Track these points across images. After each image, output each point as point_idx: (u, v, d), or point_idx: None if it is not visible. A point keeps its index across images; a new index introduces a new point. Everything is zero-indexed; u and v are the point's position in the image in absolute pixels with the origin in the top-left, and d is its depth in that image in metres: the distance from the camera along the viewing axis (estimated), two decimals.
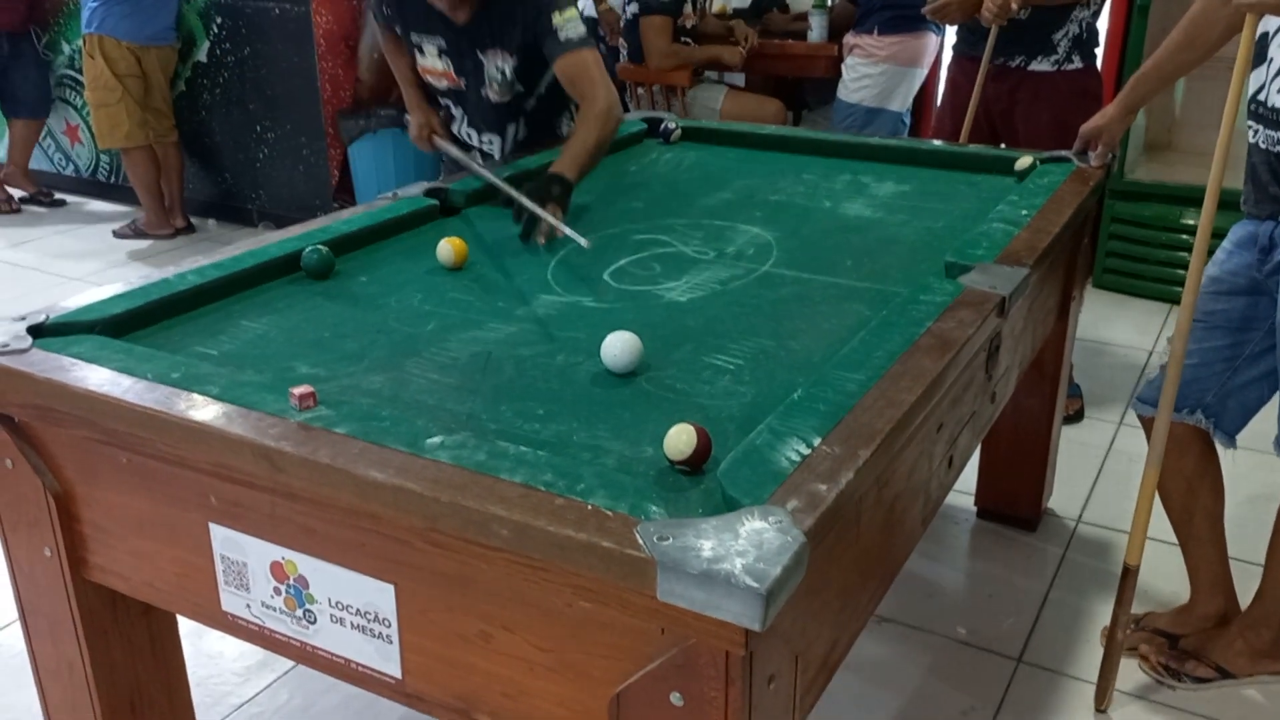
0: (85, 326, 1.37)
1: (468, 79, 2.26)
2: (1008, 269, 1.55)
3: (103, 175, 4.82)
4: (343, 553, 1.12)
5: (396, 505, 1.02)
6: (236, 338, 1.43)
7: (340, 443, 1.07)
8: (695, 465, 1.06)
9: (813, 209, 2.02)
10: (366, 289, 1.62)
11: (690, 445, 1.05)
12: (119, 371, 1.22)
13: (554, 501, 0.97)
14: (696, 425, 1.07)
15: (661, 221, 1.93)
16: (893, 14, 3.43)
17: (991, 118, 2.76)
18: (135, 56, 4.00)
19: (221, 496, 1.18)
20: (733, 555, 0.88)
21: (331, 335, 1.45)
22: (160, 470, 1.22)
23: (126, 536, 1.30)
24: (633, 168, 2.32)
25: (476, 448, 1.06)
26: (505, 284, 1.64)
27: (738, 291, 1.61)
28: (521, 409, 1.23)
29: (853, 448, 1.06)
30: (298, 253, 1.64)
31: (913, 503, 1.36)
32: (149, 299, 1.46)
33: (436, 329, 1.46)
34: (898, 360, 1.24)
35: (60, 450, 1.30)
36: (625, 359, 1.30)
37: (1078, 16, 2.62)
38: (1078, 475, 2.58)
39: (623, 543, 0.90)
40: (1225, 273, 1.81)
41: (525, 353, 1.39)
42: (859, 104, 3.58)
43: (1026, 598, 2.15)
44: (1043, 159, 2.14)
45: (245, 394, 1.17)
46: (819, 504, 0.96)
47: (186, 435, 1.14)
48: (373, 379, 1.31)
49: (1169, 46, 1.91)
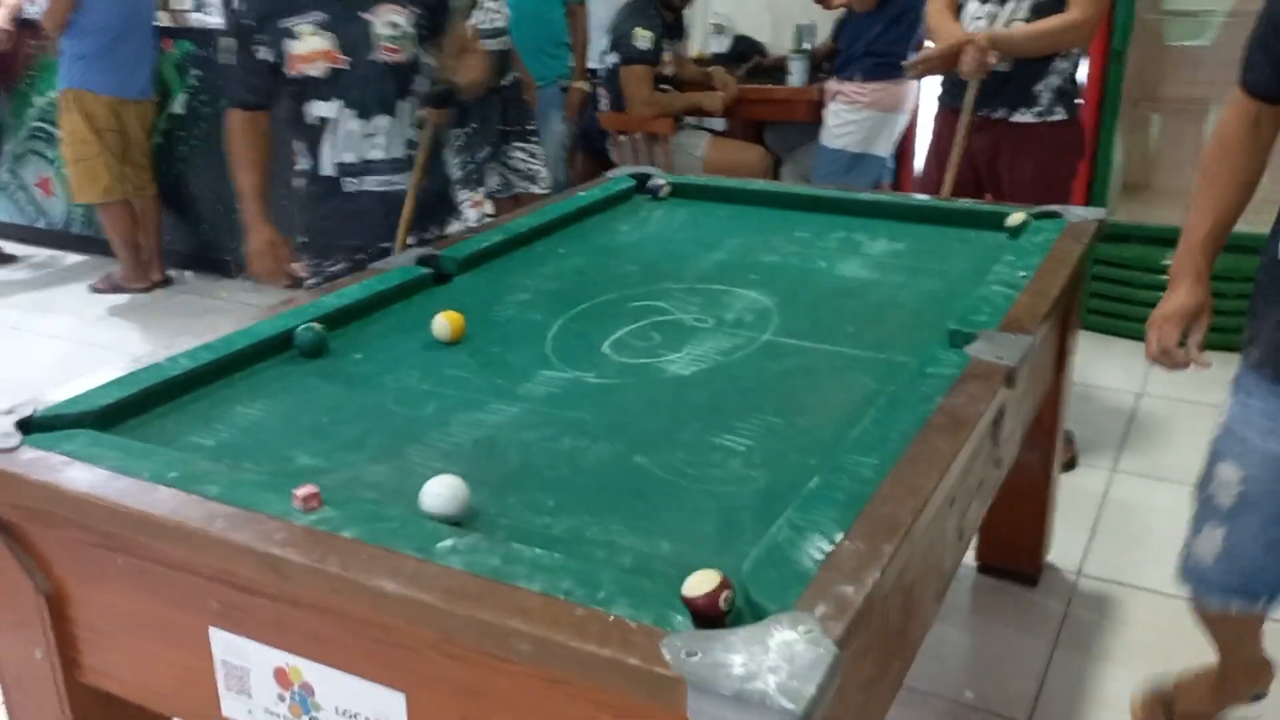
0: (75, 419, 1.33)
1: (352, 52, 2.17)
2: (1012, 337, 1.54)
3: (76, 228, 4.75)
4: (351, 659, 1.08)
5: (409, 617, 0.99)
6: (232, 425, 1.39)
7: (348, 549, 1.04)
8: (702, 613, 0.93)
9: (808, 270, 2.01)
10: (362, 367, 1.59)
11: (704, 589, 0.94)
12: (114, 471, 1.18)
13: (574, 612, 0.94)
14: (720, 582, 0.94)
15: (657, 286, 1.91)
16: (874, 61, 3.47)
17: (976, 168, 2.78)
18: (115, 111, 3.97)
19: (223, 601, 1.14)
20: (765, 672, 0.85)
21: (329, 421, 1.41)
22: (158, 573, 1.18)
23: (122, 638, 1.26)
24: (624, 227, 2.31)
25: (490, 551, 1.03)
26: (503, 359, 1.62)
27: (740, 363, 1.59)
28: (530, 500, 1.20)
29: (876, 543, 1.04)
30: (290, 331, 1.61)
31: (929, 583, 1.34)
32: (140, 386, 1.42)
33: (437, 411, 1.43)
34: (912, 442, 1.23)
35: (52, 551, 1.26)
36: (446, 506, 1.13)
37: (1058, 68, 2.65)
38: (1075, 525, 2.57)
39: (649, 659, 0.87)
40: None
41: (530, 436, 1.36)
42: (843, 149, 3.60)
43: (1031, 657, 2.13)
44: (1034, 214, 2.15)
45: (246, 494, 1.13)
46: (848, 608, 0.94)
47: (187, 541, 1.10)
48: (375, 469, 1.28)
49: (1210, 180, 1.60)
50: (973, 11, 2.65)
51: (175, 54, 4.20)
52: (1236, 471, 1.55)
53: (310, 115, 2.21)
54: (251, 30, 2.17)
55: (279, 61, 2.17)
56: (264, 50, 2.18)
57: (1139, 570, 2.39)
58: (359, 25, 2.17)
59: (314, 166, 2.27)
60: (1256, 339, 1.54)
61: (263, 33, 2.17)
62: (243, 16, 2.18)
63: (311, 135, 2.24)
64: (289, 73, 2.17)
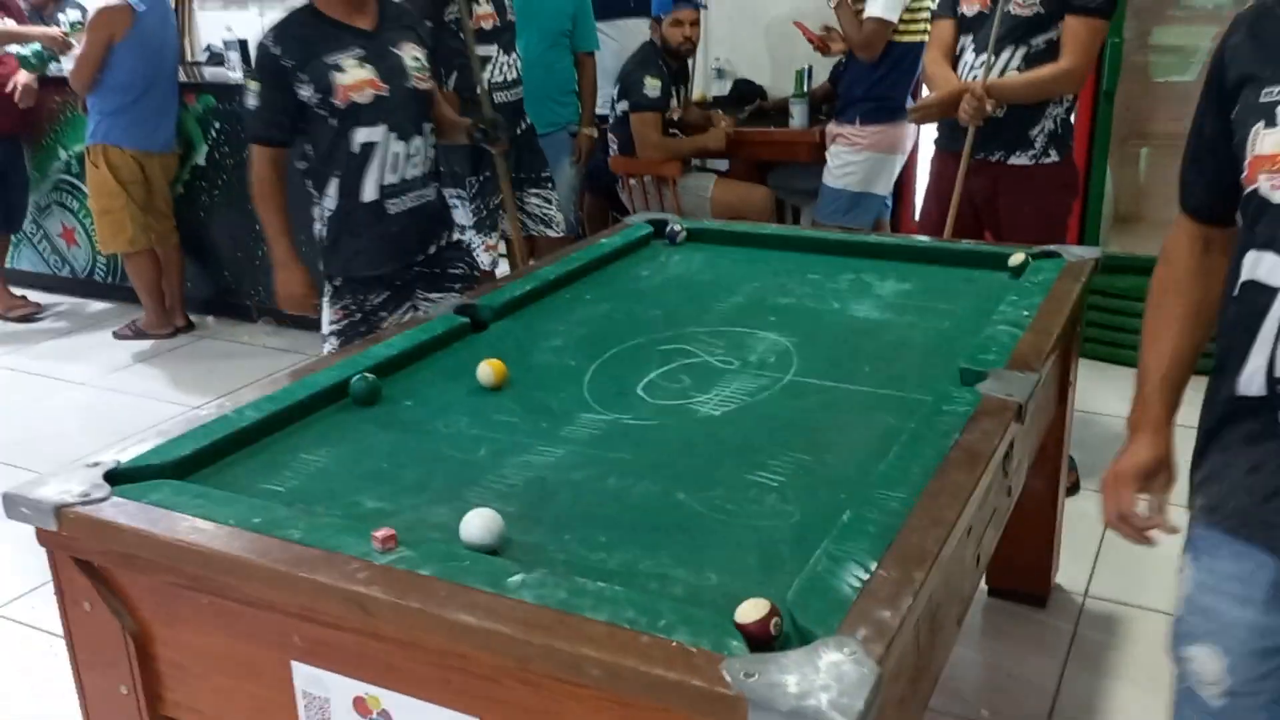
0: (155, 470, 1.43)
1: (390, 80, 2.42)
2: (1019, 375, 1.65)
3: (99, 276, 4.87)
4: (428, 688, 1.18)
5: (487, 647, 1.09)
6: (299, 472, 1.50)
7: (427, 585, 1.14)
8: (754, 638, 1.04)
9: (823, 311, 2.13)
10: (414, 414, 1.69)
11: (756, 616, 1.04)
12: (201, 518, 1.29)
13: (640, 640, 1.04)
14: (770, 609, 1.04)
15: (683, 330, 2.02)
16: (874, 105, 3.62)
17: (975, 209, 2.91)
18: (139, 164, 4.10)
19: (305, 636, 1.24)
20: (817, 690, 0.95)
21: (389, 466, 1.52)
22: (242, 611, 1.27)
23: (205, 674, 1.35)
24: (645, 272, 2.42)
25: (556, 585, 1.13)
26: (545, 403, 1.72)
27: (767, 403, 1.70)
28: (584, 537, 1.30)
29: (908, 570, 1.14)
30: (344, 381, 1.72)
31: (951, 607, 1.44)
32: (212, 438, 1.52)
33: (489, 454, 1.54)
34: (934, 476, 1.33)
35: (138, 592, 1.36)
36: (482, 536, 1.26)
37: (1052, 113, 2.78)
38: (1080, 548, 2.67)
39: (712, 681, 0.97)
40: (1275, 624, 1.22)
41: (577, 476, 1.47)
42: (845, 189, 3.74)
43: (1043, 676, 2.22)
44: (1034, 254, 2.27)
45: (326, 537, 1.24)
46: (887, 631, 1.04)
47: (275, 581, 1.20)
48: (437, 511, 1.38)
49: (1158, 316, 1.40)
50: (969, 61, 2.79)
51: (197, 108, 4.35)
52: (1218, 659, 1.25)
53: (354, 143, 2.40)
54: (291, 70, 2.35)
55: (325, 95, 2.36)
56: (305, 88, 2.36)
57: (1144, 591, 2.48)
58: (392, 58, 2.44)
59: (348, 198, 2.44)
60: (1208, 485, 1.29)
61: (305, 71, 2.35)
62: (281, 59, 2.35)
63: (353, 163, 2.42)
64: (337, 103, 2.36)
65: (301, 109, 2.38)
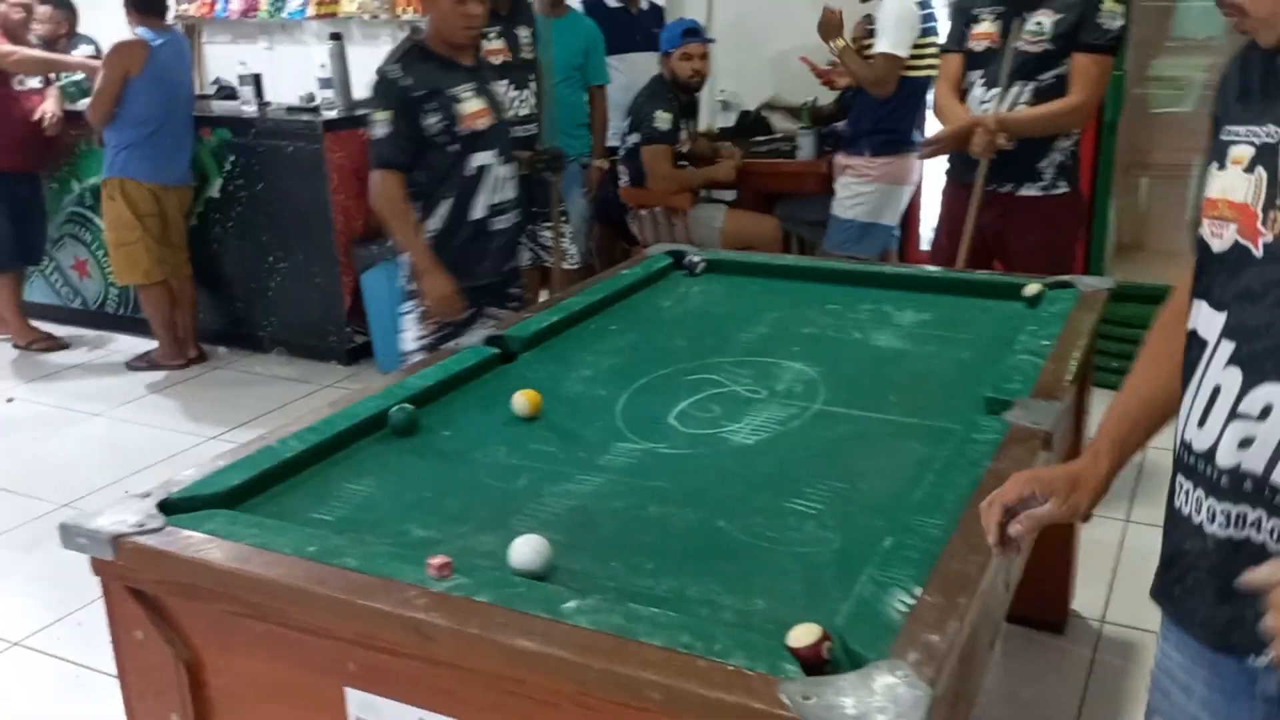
0: (206, 500, 1.46)
1: (497, 111, 2.77)
2: (1044, 403, 1.69)
3: (110, 308, 4.91)
4: (484, 712, 1.20)
5: (547, 671, 1.12)
6: (346, 501, 1.53)
7: (485, 612, 1.17)
8: (807, 661, 1.07)
9: (845, 341, 2.17)
10: (452, 444, 1.73)
11: (809, 640, 1.07)
12: (257, 547, 1.32)
13: (697, 663, 1.07)
14: (821, 634, 1.07)
15: (709, 360, 2.06)
16: (883, 138, 3.70)
17: (985, 239, 2.96)
18: (156, 196, 4.15)
19: (360, 662, 1.26)
20: (873, 712, 0.98)
21: (433, 495, 1.55)
22: (296, 638, 1.30)
23: (256, 701, 1.37)
24: (666, 303, 2.47)
25: (611, 611, 1.16)
26: (579, 433, 1.76)
27: (798, 432, 1.74)
28: (630, 564, 1.34)
29: (951, 596, 1.18)
30: (383, 412, 1.75)
31: (986, 631, 1.47)
32: (259, 468, 1.55)
33: (529, 483, 1.57)
34: (969, 503, 1.37)
35: (191, 621, 1.38)
36: (532, 561, 1.29)
37: (1060, 145, 2.84)
38: (1095, 574, 2.70)
39: (771, 703, 1.01)
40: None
41: (618, 505, 1.50)
42: (854, 219, 3.80)
43: (1065, 701, 2.25)
44: (1048, 284, 2.32)
45: (381, 564, 1.27)
46: (936, 655, 1.07)
47: (333, 609, 1.23)
48: (484, 539, 1.41)
49: None
50: (979, 96, 2.86)
51: (213, 141, 4.40)
52: None
53: (470, 166, 2.71)
54: (421, 100, 2.63)
55: (450, 123, 2.65)
56: (432, 117, 2.64)
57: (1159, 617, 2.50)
58: (494, 91, 2.84)
59: (458, 217, 2.72)
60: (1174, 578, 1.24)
61: (432, 101, 2.63)
62: (411, 91, 2.63)
63: (467, 185, 2.72)
64: (460, 130, 2.67)
65: (423, 137, 2.64)
